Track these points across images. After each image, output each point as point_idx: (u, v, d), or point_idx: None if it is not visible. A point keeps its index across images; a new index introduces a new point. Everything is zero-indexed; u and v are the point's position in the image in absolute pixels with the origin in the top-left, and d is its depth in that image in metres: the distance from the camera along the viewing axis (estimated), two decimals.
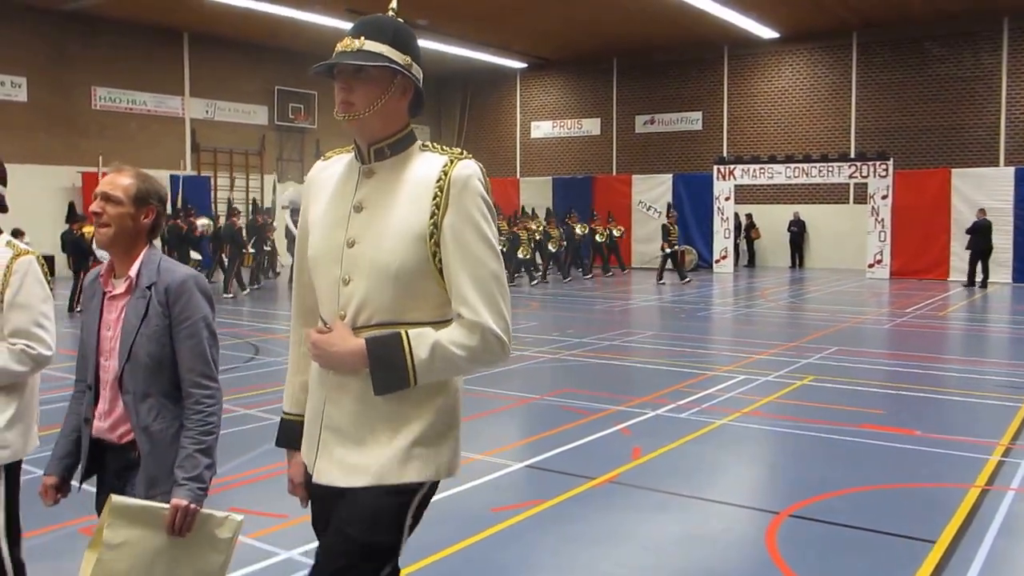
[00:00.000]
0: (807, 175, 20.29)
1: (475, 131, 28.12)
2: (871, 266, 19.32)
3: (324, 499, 1.93)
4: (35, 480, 2.50)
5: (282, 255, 19.60)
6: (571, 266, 19.35)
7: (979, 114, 20.45)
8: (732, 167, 21.04)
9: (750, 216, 23.23)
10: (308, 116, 24.26)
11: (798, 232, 22.60)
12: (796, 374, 7.99)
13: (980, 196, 18.05)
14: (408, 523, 1.86)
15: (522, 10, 19.79)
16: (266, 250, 17.67)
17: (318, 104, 24.16)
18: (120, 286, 2.30)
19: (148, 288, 2.25)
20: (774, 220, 22.87)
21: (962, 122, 20.62)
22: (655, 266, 19.62)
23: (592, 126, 25.97)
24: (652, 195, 22.57)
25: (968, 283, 17.13)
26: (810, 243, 22.77)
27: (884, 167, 19.11)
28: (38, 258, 2.65)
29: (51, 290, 2.69)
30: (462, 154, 1.86)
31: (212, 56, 22.28)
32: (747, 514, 4.39)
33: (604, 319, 12.58)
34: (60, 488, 2.38)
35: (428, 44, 21.88)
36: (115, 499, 2.10)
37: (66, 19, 19.36)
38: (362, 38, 1.83)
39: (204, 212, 18.05)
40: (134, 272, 2.27)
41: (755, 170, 20.79)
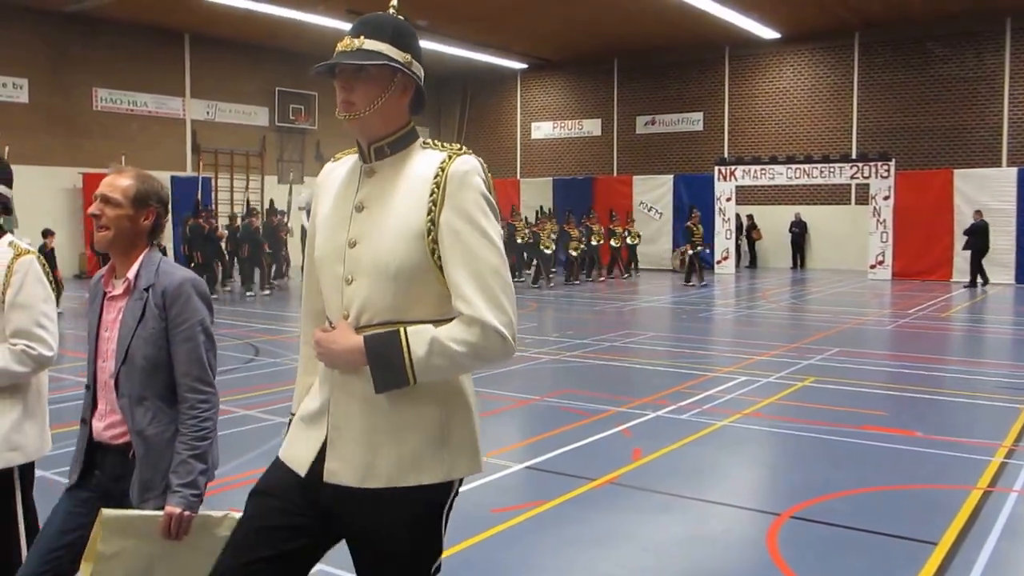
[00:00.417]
0: (808, 176, 20.27)
1: (475, 132, 28.11)
2: (873, 267, 19.30)
3: (330, 499, 1.85)
4: (43, 479, 2.49)
5: (296, 257, 19.64)
6: (591, 269, 19.21)
7: (982, 115, 20.41)
8: (733, 168, 21.03)
9: (751, 217, 23.22)
10: (309, 117, 24.26)
11: (799, 233, 22.58)
12: (797, 375, 7.98)
13: (983, 197, 18.03)
14: (443, 528, 1.89)
15: (522, 11, 19.78)
16: (283, 253, 17.68)
17: (319, 105, 24.16)
18: (119, 287, 2.29)
19: (146, 290, 2.24)
20: (775, 221, 22.85)
21: (964, 123, 20.58)
22: (656, 267, 19.61)
23: (593, 127, 25.95)
24: (653, 196, 22.56)
25: (971, 284, 17.13)
26: (811, 244, 22.74)
27: (886, 168, 19.08)
28: (39, 258, 2.65)
29: (54, 291, 2.68)
30: (461, 150, 1.85)
31: (213, 57, 22.30)
32: (748, 515, 4.38)
33: (605, 320, 12.56)
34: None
35: (428, 45, 21.87)
36: (105, 513, 2.08)
37: (67, 20, 19.38)
38: (362, 37, 1.83)
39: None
40: (132, 274, 2.26)
41: (756, 171, 20.78)
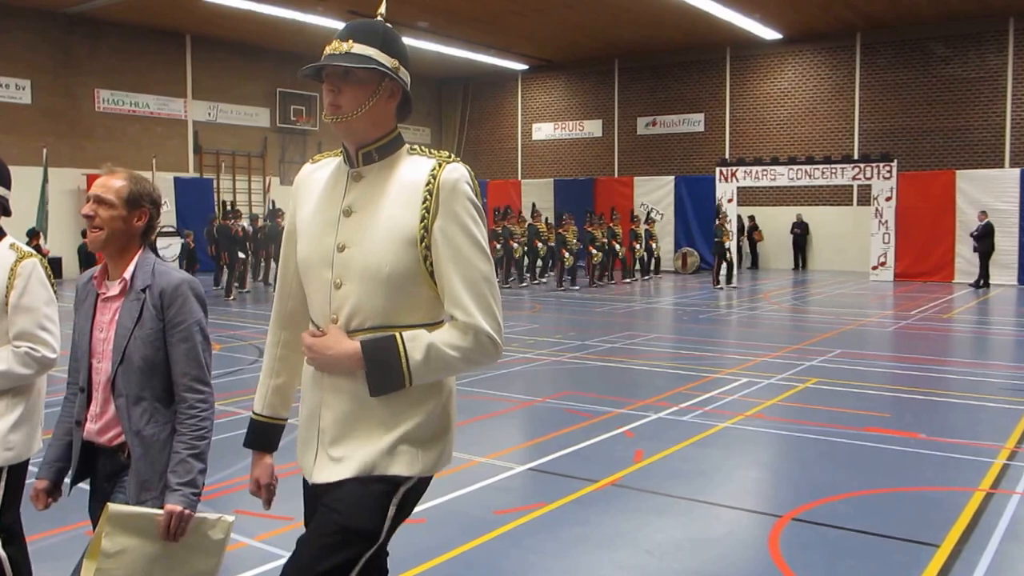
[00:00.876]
0: (810, 177, 20.22)
1: (476, 133, 28.12)
2: (875, 268, 19.27)
3: (317, 498, 1.92)
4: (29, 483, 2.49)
5: None
6: (611, 272, 19.06)
7: (984, 115, 20.38)
8: (734, 169, 20.99)
9: (752, 218, 23.19)
10: (310, 118, 24.29)
11: (801, 234, 22.56)
12: (799, 377, 7.97)
13: (985, 198, 18.00)
14: (391, 512, 1.85)
15: (523, 12, 19.78)
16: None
17: (319, 106, 24.11)
18: (114, 288, 2.28)
19: (143, 291, 2.24)
20: (777, 222, 22.83)
21: (967, 123, 20.55)
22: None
23: (594, 128, 25.95)
24: (654, 197, 22.55)
25: (977, 284, 17.10)
26: (813, 245, 22.72)
27: (888, 169, 19.05)
28: (41, 260, 2.65)
29: (55, 292, 2.68)
30: (450, 157, 1.89)
31: (214, 59, 22.32)
32: (750, 517, 4.37)
33: (606, 321, 12.55)
34: (51, 492, 2.37)
35: (429, 46, 21.89)
36: (112, 508, 2.09)
37: (70, 22, 19.43)
38: (350, 41, 1.86)
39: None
40: (128, 274, 2.26)
41: (757, 172, 20.74)
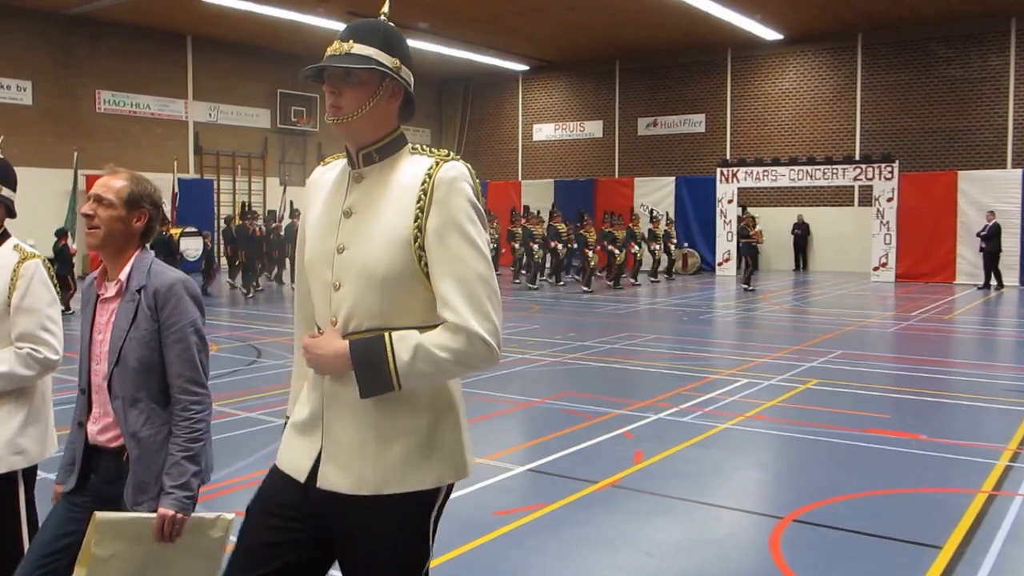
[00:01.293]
0: (811, 177, 20.23)
1: (477, 134, 28.11)
2: (876, 269, 19.25)
3: (321, 504, 1.87)
4: (48, 482, 2.48)
5: None
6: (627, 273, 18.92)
7: (986, 116, 20.35)
8: (735, 170, 21.00)
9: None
10: (310, 119, 24.29)
11: (802, 235, 22.53)
12: (800, 378, 7.95)
13: (987, 199, 17.98)
14: (431, 530, 1.90)
15: (524, 13, 19.78)
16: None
17: (320, 107, 24.18)
18: (111, 289, 2.28)
19: (138, 291, 2.23)
20: (778, 223, 22.80)
21: (969, 124, 20.52)
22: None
23: (594, 129, 25.93)
24: (654, 198, 22.54)
25: (987, 285, 17.07)
26: (814, 246, 22.69)
27: (889, 169, 19.04)
28: (44, 262, 2.65)
29: (59, 293, 2.68)
30: (449, 155, 1.85)
31: (215, 60, 22.33)
32: (751, 519, 4.35)
33: (606, 322, 12.53)
34: None
35: (430, 47, 21.88)
36: (99, 516, 2.08)
37: (71, 23, 19.43)
38: (351, 41, 1.84)
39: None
40: (124, 275, 2.25)
41: (758, 172, 20.75)
